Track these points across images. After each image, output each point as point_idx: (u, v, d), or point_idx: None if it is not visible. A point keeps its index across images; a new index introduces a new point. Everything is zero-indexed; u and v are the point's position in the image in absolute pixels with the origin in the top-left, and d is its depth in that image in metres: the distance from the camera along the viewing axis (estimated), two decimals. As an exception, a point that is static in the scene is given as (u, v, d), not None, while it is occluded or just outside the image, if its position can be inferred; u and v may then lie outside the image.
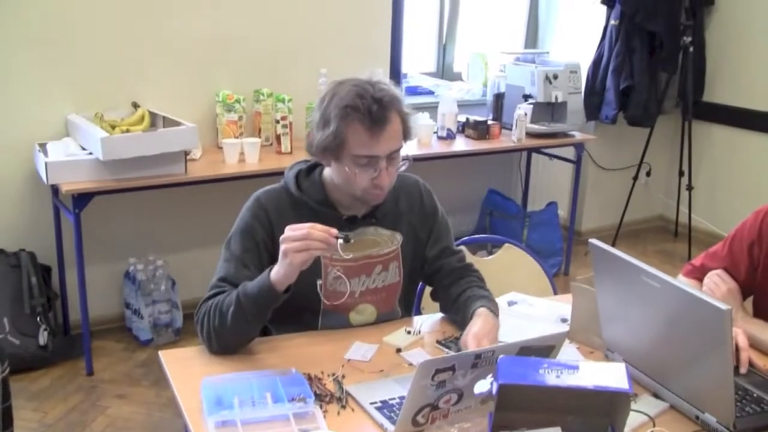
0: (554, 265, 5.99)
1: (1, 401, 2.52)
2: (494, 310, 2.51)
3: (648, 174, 6.92)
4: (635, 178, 6.63)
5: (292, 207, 2.56)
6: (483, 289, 2.66)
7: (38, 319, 4.45)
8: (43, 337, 4.42)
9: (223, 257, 2.51)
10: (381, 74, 2.51)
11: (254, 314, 2.32)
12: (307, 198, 2.57)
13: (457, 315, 2.61)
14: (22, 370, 4.37)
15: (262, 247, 2.50)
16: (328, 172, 2.57)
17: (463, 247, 2.86)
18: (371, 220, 2.61)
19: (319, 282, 2.51)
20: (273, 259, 2.30)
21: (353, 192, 2.49)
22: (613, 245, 2.31)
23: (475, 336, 2.33)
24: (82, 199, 4.20)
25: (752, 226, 2.74)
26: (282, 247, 2.23)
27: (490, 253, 3.52)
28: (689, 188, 6.50)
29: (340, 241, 2.24)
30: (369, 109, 2.35)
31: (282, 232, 2.27)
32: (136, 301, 4.80)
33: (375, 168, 2.42)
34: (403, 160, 2.52)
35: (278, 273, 2.27)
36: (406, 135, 2.49)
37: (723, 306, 1.90)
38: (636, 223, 7.08)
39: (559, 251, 6.12)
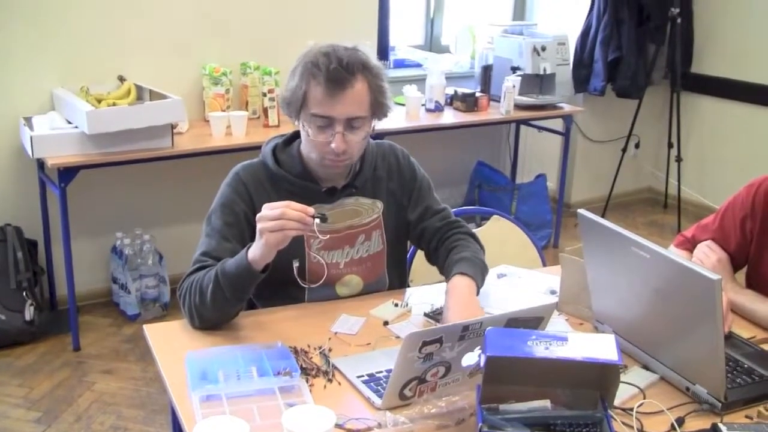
0: (544, 238, 5.98)
1: None
2: (470, 273, 2.46)
3: (637, 146, 6.93)
4: (624, 150, 6.61)
5: (270, 181, 2.54)
6: (464, 248, 2.61)
7: (24, 294, 4.42)
8: (29, 312, 4.39)
9: (205, 232, 2.49)
10: (367, 45, 2.48)
11: (233, 293, 2.29)
12: (285, 171, 2.54)
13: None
14: (8, 345, 4.36)
15: (243, 220, 2.48)
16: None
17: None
18: (351, 190, 2.59)
19: (295, 264, 2.48)
20: (254, 233, 2.26)
21: (312, 155, 2.47)
22: (602, 217, 2.28)
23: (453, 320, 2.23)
24: (68, 173, 4.17)
25: (744, 200, 2.72)
26: (258, 227, 2.20)
27: (479, 225, 3.49)
28: (678, 160, 6.49)
29: (317, 220, 2.21)
30: (328, 68, 2.34)
31: (262, 206, 2.24)
32: (123, 275, 4.77)
33: (332, 132, 2.39)
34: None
35: (255, 252, 2.25)
36: (377, 110, 2.46)
37: (713, 276, 1.89)
38: (625, 195, 7.07)
39: (548, 223, 6.11)
